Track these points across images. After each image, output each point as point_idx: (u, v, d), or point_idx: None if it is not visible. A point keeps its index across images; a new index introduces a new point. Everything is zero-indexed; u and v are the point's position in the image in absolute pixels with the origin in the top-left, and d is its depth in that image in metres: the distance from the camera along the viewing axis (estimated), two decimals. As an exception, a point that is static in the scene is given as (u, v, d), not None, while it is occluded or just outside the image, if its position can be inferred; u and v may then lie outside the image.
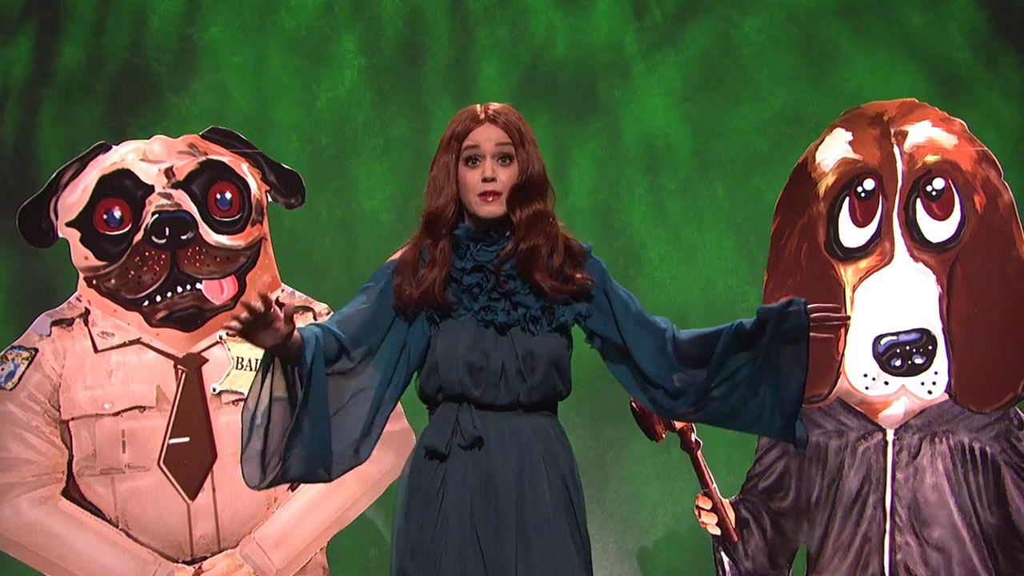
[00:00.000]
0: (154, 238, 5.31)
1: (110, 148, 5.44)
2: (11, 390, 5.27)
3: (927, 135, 5.26)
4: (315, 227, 5.60)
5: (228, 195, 5.37)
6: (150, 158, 5.41)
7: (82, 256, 5.35)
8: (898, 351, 5.19)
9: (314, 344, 3.17)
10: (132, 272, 5.32)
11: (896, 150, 5.25)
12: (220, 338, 5.30)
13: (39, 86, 5.64)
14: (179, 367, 5.31)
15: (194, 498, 5.25)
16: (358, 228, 5.62)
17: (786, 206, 5.37)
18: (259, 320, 3.06)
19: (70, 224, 5.36)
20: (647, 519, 5.50)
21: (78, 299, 5.38)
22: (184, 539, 5.25)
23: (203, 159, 5.40)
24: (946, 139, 5.26)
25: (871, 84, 5.51)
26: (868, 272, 5.23)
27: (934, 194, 5.22)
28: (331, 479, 3.29)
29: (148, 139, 5.47)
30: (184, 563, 5.25)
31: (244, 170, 5.42)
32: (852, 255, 5.25)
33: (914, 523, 5.10)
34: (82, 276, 5.38)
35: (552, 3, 5.70)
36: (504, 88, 5.59)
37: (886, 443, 5.17)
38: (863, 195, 5.25)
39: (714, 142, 5.60)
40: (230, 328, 3.07)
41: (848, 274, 5.24)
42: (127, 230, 5.34)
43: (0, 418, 5.26)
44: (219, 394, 5.28)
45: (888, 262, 5.23)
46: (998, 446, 5.12)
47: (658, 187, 5.62)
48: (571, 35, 5.68)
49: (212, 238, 5.34)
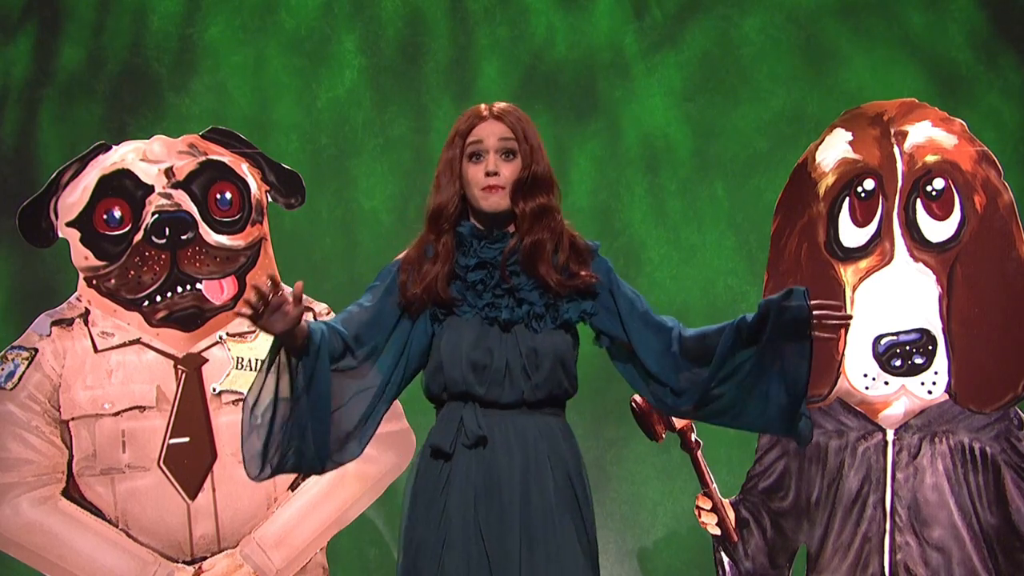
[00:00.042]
0: (154, 238, 5.31)
1: (110, 148, 5.44)
2: (11, 390, 5.27)
3: (927, 135, 5.26)
4: (315, 227, 5.60)
5: (228, 195, 5.37)
6: (150, 158, 5.40)
7: (82, 256, 5.34)
8: (898, 351, 5.19)
9: (319, 338, 3.18)
10: (132, 272, 5.31)
11: (896, 150, 5.25)
12: (220, 338, 5.29)
13: (39, 86, 5.64)
14: (179, 367, 5.30)
15: (194, 498, 5.25)
16: (358, 228, 5.62)
17: (786, 206, 5.36)
18: (269, 303, 3.06)
19: (70, 224, 5.35)
20: (647, 519, 5.50)
21: (78, 299, 5.38)
22: (184, 539, 5.25)
23: (203, 159, 5.39)
24: (946, 139, 5.25)
25: (871, 84, 5.51)
26: (868, 272, 5.23)
27: (934, 194, 5.22)
28: (322, 473, 3.31)
29: (148, 139, 5.47)
30: (184, 563, 5.25)
31: (244, 170, 5.41)
32: (852, 255, 5.25)
33: (914, 523, 5.10)
34: (82, 276, 5.37)
35: (552, 3, 5.70)
36: (504, 88, 5.59)
37: (886, 443, 5.17)
38: (863, 195, 5.25)
39: (714, 142, 5.60)
40: (242, 313, 3.08)
41: (848, 274, 5.24)
42: (127, 230, 5.33)
43: (0, 418, 5.26)
44: (219, 394, 5.27)
45: (888, 262, 5.23)
46: (998, 446, 5.11)
47: (658, 187, 5.62)
48: (571, 35, 5.68)
49: (212, 238, 5.34)
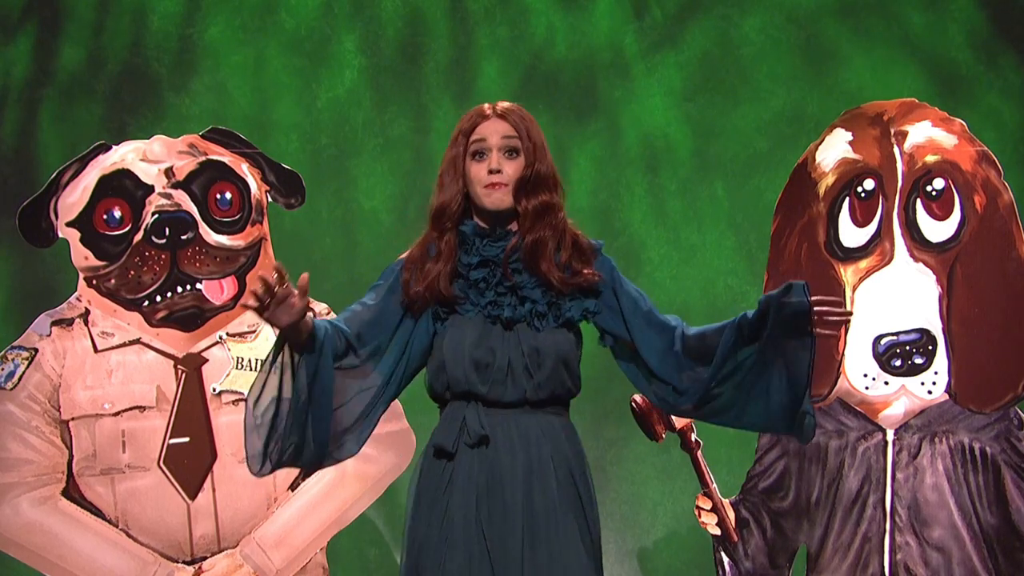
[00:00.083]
0: (154, 238, 5.30)
1: (110, 148, 5.44)
2: (11, 390, 5.26)
3: (927, 135, 5.26)
4: (315, 227, 5.60)
5: (228, 195, 5.37)
6: (150, 158, 5.40)
7: (82, 256, 5.34)
8: (898, 351, 5.18)
9: (323, 334, 3.18)
10: (132, 272, 5.31)
11: (896, 150, 5.24)
12: (220, 338, 5.29)
13: (39, 86, 5.64)
14: (179, 367, 5.30)
15: (194, 498, 5.25)
16: (358, 228, 5.62)
17: (786, 206, 5.36)
18: (275, 296, 3.06)
19: (70, 224, 5.35)
20: (647, 519, 5.50)
21: (78, 299, 5.37)
22: (184, 539, 5.24)
23: (203, 159, 5.39)
24: (946, 139, 5.25)
25: (871, 84, 5.51)
26: (868, 272, 5.23)
27: (934, 194, 5.21)
28: (319, 469, 3.31)
29: (148, 139, 5.46)
30: (184, 563, 5.24)
31: (244, 170, 5.41)
32: (852, 255, 5.25)
33: (914, 523, 5.10)
34: (82, 276, 5.37)
35: (552, 3, 5.70)
36: (504, 88, 5.60)
37: (886, 443, 5.17)
38: (863, 195, 5.25)
39: (714, 142, 5.60)
40: (247, 306, 3.07)
41: (848, 274, 5.24)
42: (127, 230, 5.33)
43: (0, 418, 5.26)
44: (219, 394, 5.27)
45: (888, 262, 5.22)
46: (998, 446, 5.11)
47: (658, 187, 5.62)
48: (571, 35, 5.68)
49: (212, 238, 5.34)
